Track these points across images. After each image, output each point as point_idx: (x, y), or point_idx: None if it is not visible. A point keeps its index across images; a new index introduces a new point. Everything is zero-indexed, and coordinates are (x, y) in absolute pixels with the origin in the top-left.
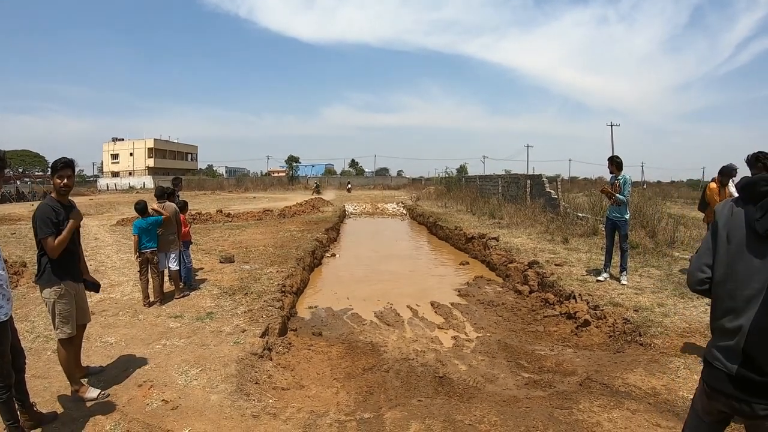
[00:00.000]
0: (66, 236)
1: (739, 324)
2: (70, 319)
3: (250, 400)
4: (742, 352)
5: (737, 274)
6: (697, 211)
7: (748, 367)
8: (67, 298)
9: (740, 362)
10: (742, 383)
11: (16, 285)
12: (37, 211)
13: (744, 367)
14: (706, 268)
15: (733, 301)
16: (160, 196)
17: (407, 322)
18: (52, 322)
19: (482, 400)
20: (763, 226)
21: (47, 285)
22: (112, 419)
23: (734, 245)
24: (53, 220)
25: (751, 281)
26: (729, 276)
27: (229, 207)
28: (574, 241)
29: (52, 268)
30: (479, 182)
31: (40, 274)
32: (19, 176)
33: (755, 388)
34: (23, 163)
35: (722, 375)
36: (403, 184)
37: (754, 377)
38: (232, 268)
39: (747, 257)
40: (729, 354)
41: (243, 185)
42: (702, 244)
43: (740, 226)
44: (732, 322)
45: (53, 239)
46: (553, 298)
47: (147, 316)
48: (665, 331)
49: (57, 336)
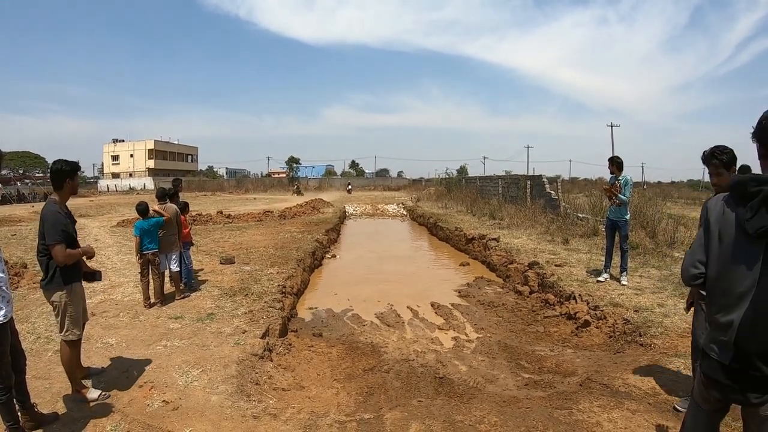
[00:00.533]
0: (77, 256)
1: (731, 319)
2: (79, 322)
3: (250, 401)
4: (734, 345)
5: (729, 273)
6: (698, 211)
7: (740, 360)
8: (77, 300)
9: (732, 354)
10: (735, 374)
11: (17, 286)
12: (49, 214)
13: (736, 360)
14: (700, 264)
15: (726, 297)
16: (160, 198)
17: (408, 322)
18: (61, 324)
19: (482, 401)
20: (753, 226)
21: (58, 288)
22: (113, 420)
23: (726, 244)
24: (63, 229)
25: (743, 279)
26: (721, 274)
27: (230, 208)
28: (574, 242)
29: (63, 272)
30: (479, 183)
31: (50, 278)
32: (20, 178)
33: (747, 378)
34: (24, 165)
35: (717, 365)
36: (404, 185)
37: (745, 369)
38: (232, 269)
39: (738, 256)
40: (723, 347)
41: (243, 186)
42: (695, 239)
43: (731, 226)
44: (725, 317)
45: (63, 248)
46: (553, 298)
47: (148, 317)
48: (665, 332)
49: (65, 338)
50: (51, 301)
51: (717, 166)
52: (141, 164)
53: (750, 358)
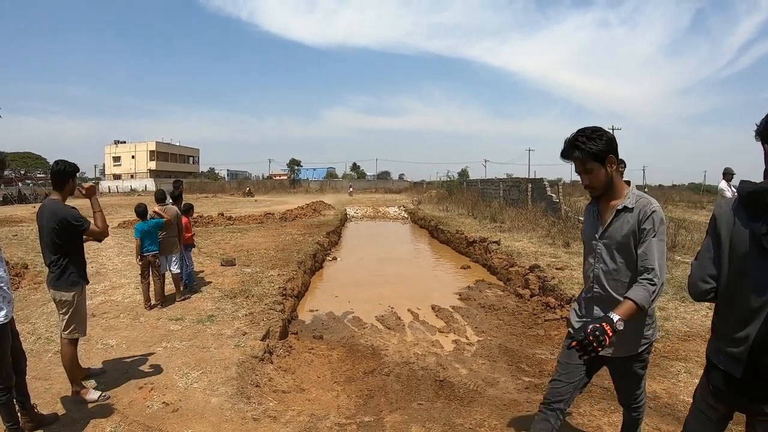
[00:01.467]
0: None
1: (747, 333)
2: (85, 321)
3: (250, 403)
4: (748, 359)
5: (743, 287)
6: (699, 214)
7: (753, 373)
8: (84, 299)
9: (744, 368)
10: (748, 387)
11: (18, 287)
12: (63, 210)
13: (749, 373)
14: (710, 278)
15: (740, 311)
16: (160, 200)
17: (408, 325)
18: (67, 323)
19: (482, 404)
20: None
21: (71, 287)
22: (113, 421)
23: (739, 258)
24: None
25: (759, 294)
26: (735, 288)
27: (231, 210)
28: (575, 245)
29: (76, 271)
30: (480, 186)
31: (66, 277)
32: (21, 178)
33: (760, 392)
34: (25, 165)
35: (729, 378)
36: (405, 187)
37: (759, 382)
38: (233, 271)
39: (753, 271)
40: (735, 360)
41: (244, 188)
42: (702, 250)
43: (745, 240)
44: (738, 331)
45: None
46: (554, 302)
47: (148, 318)
48: (666, 335)
49: (70, 336)
50: (61, 300)
51: (582, 160)
52: (142, 166)
53: (763, 371)
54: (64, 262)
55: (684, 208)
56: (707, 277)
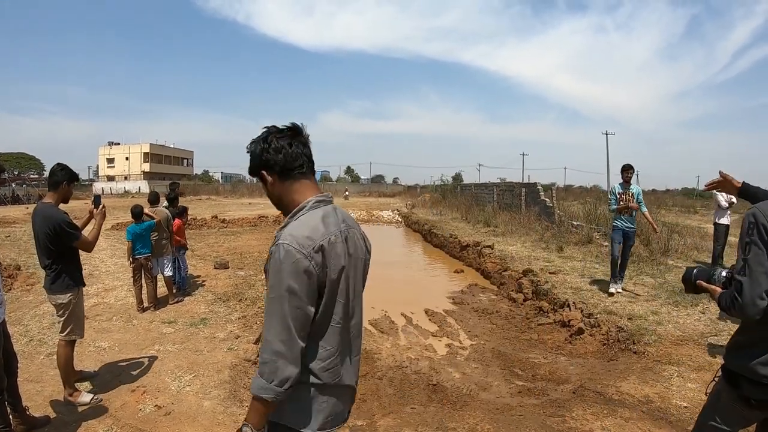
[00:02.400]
0: (98, 232)
1: None
2: (82, 323)
3: (243, 407)
4: None
5: None
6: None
7: None
8: (81, 301)
9: None
10: None
11: (10, 288)
12: (56, 215)
13: None
14: (766, 295)
15: None
16: (153, 201)
17: (401, 329)
18: (64, 325)
19: (475, 408)
20: None
21: (67, 290)
22: (105, 424)
23: None
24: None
25: None
26: None
27: (225, 213)
28: (568, 250)
29: (71, 274)
30: (474, 190)
31: (60, 280)
32: (15, 179)
33: None
34: (18, 166)
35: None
36: (399, 191)
37: None
38: (226, 274)
39: None
40: None
41: (239, 191)
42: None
43: None
44: None
45: (85, 237)
46: (547, 306)
47: (141, 321)
48: (659, 339)
49: (67, 338)
50: (58, 303)
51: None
52: (136, 167)
53: None
54: (59, 266)
55: (677, 213)
56: (764, 294)
